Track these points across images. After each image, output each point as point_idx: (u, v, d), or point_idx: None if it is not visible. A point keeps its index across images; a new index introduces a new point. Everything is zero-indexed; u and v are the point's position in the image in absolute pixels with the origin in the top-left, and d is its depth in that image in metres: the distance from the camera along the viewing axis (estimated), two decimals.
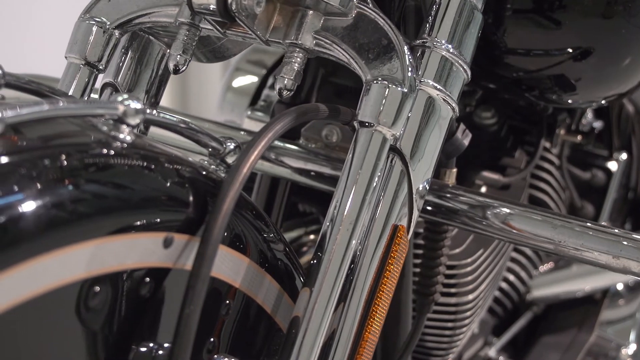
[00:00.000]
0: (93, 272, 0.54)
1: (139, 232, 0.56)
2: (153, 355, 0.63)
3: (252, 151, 0.65)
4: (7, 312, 0.49)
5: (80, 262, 0.52)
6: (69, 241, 0.51)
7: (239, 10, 0.71)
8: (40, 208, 0.50)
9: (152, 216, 0.58)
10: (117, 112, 0.58)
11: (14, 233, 0.48)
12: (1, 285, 0.48)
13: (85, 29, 0.81)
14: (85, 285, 0.54)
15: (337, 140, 1.00)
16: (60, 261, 0.51)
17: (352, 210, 0.69)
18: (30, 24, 2.40)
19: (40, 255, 0.50)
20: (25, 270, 0.49)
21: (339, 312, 0.69)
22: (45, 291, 0.51)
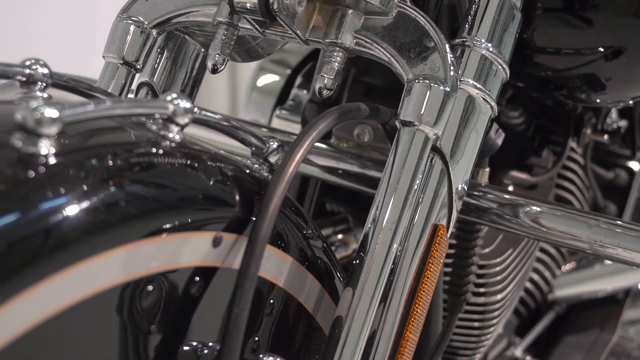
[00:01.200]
0: (147, 271, 0.54)
1: (190, 231, 0.56)
2: (198, 354, 0.63)
3: (297, 151, 0.65)
4: (62, 313, 0.49)
5: (134, 262, 0.53)
6: (124, 241, 0.51)
7: (280, 10, 0.71)
8: (95, 209, 0.50)
9: (203, 215, 0.58)
10: (167, 112, 0.58)
11: (68, 235, 0.48)
12: (56, 286, 0.48)
13: (123, 28, 0.81)
14: (138, 285, 0.54)
15: (369, 139, 1.00)
16: (116, 261, 0.51)
17: (394, 210, 0.69)
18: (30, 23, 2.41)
19: (96, 255, 0.50)
20: (80, 271, 0.49)
21: (380, 312, 0.69)
22: (99, 291, 0.51)
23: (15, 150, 0.49)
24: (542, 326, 1.51)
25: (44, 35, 2.44)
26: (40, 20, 2.43)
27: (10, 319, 0.45)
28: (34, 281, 0.46)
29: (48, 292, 0.47)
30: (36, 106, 0.49)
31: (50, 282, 0.47)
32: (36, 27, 2.43)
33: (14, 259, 0.45)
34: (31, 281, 0.46)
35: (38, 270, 0.46)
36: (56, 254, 0.47)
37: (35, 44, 2.41)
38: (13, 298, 0.45)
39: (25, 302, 0.46)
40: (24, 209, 0.47)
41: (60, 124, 0.50)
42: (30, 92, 0.62)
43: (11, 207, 0.47)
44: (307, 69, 1.20)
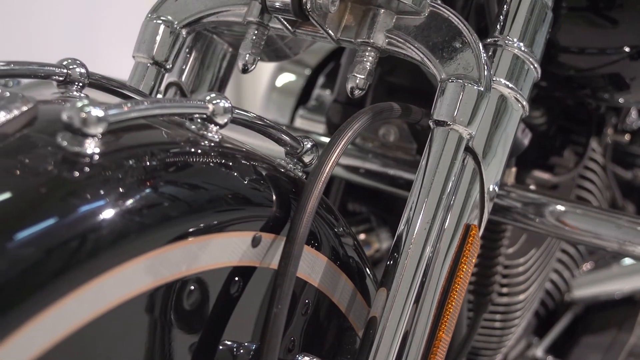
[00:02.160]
0: (189, 271, 0.54)
1: (231, 231, 0.56)
2: (234, 354, 0.63)
3: (333, 150, 0.65)
4: (110, 311, 0.49)
5: (178, 261, 0.53)
6: (169, 240, 0.51)
7: (313, 9, 0.71)
8: (141, 209, 0.50)
9: (243, 215, 0.58)
10: (207, 111, 0.58)
11: (116, 235, 0.48)
12: (108, 283, 0.48)
13: (152, 28, 0.81)
14: (181, 285, 0.54)
15: (395, 139, 1.00)
16: (160, 260, 0.51)
17: (428, 211, 0.69)
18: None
19: (142, 255, 0.50)
20: (126, 271, 0.49)
21: (414, 312, 0.69)
22: (143, 292, 0.51)
23: (60, 150, 0.50)
24: (562, 326, 1.51)
25: (45, 34, 2.44)
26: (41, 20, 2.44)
27: (51, 324, 0.45)
28: (86, 279, 0.46)
29: (94, 293, 0.47)
30: (82, 106, 0.49)
31: (97, 281, 0.47)
32: (37, 27, 2.43)
33: (63, 260, 0.45)
34: (83, 279, 0.46)
35: (92, 267, 0.46)
36: (104, 254, 0.47)
37: (36, 43, 2.41)
38: (56, 301, 0.45)
39: (72, 303, 0.46)
40: (69, 210, 0.47)
41: (106, 124, 0.50)
42: (68, 91, 0.62)
43: (56, 208, 0.47)
44: (330, 69, 1.20)
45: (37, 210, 0.46)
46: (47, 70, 0.61)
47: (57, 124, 0.51)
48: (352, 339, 0.74)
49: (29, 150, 0.50)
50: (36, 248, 0.44)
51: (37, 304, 0.44)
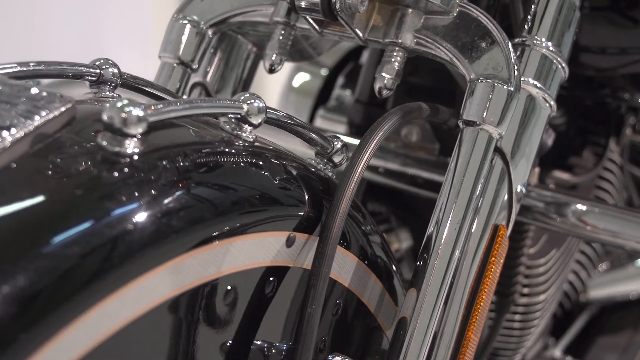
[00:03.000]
0: (227, 270, 0.54)
1: (267, 231, 0.56)
2: (265, 353, 0.63)
3: (364, 151, 0.65)
4: (154, 310, 0.49)
5: (216, 261, 0.53)
6: (207, 241, 0.51)
7: (343, 9, 0.71)
8: (180, 210, 0.50)
9: (278, 215, 0.58)
10: (241, 111, 0.58)
11: (156, 235, 0.48)
12: (150, 283, 0.48)
13: (178, 28, 0.81)
14: (218, 284, 0.54)
15: (417, 139, 1.00)
16: (199, 261, 0.51)
17: (457, 211, 0.69)
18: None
19: (182, 255, 0.50)
20: (167, 270, 0.49)
21: (443, 312, 0.69)
22: (181, 292, 0.51)
23: (100, 150, 0.50)
24: (578, 327, 1.50)
25: (48, 33, 2.44)
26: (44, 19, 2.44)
27: (90, 328, 0.45)
28: (124, 282, 0.46)
29: (137, 292, 0.47)
30: (122, 106, 0.49)
31: (141, 281, 0.47)
32: (39, 25, 2.43)
33: (98, 264, 0.45)
34: (121, 282, 0.46)
35: (129, 270, 0.46)
36: (141, 257, 0.47)
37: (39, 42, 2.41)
38: (93, 306, 0.45)
39: (109, 306, 0.46)
40: (107, 213, 0.47)
41: (146, 124, 0.50)
42: (100, 92, 0.62)
43: (95, 211, 0.46)
44: (350, 69, 1.20)
45: (74, 213, 0.46)
46: (79, 70, 0.61)
47: (97, 124, 0.51)
48: (380, 339, 0.74)
49: (68, 150, 0.50)
50: (70, 253, 0.44)
51: (75, 309, 0.44)
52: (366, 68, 1.05)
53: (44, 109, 0.50)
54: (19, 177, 0.47)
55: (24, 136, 0.48)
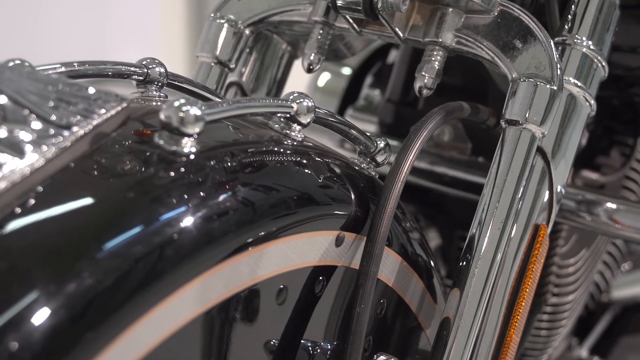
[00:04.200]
0: (280, 269, 0.54)
1: (318, 230, 0.56)
2: (311, 353, 0.63)
3: (410, 150, 0.65)
4: (211, 309, 0.49)
5: (270, 261, 0.53)
6: (261, 241, 0.51)
7: (384, 9, 0.71)
8: (233, 210, 0.50)
9: (328, 214, 0.58)
10: (291, 111, 0.58)
11: (214, 235, 0.48)
12: (209, 283, 0.48)
13: (216, 28, 0.81)
14: (271, 284, 0.54)
15: (449, 139, 1.00)
16: (256, 259, 0.51)
17: (501, 211, 0.69)
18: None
19: (236, 255, 0.50)
20: (225, 269, 0.49)
21: (487, 312, 0.69)
22: (238, 291, 0.51)
23: (157, 149, 0.50)
24: (602, 327, 1.50)
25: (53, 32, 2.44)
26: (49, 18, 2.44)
27: (142, 334, 0.45)
28: (179, 285, 0.46)
29: (197, 292, 0.47)
30: (179, 105, 0.49)
31: (200, 280, 0.47)
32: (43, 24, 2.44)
33: (150, 269, 0.45)
34: (188, 278, 0.46)
35: (194, 267, 0.46)
36: (203, 255, 0.47)
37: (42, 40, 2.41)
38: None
39: (176, 302, 0.46)
40: (167, 211, 0.47)
41: (203, 123, 0.50)
42: (147, 91, 0.62)
43: (154, 209, 0.46)
44: (377, 68, 1.19)
45: (128, 217, 0.45)
46: (126, 70, 0.61)
47: (153, 123, 0.51)
48: (420, 338, 0.74)
49: (125, 150, 0.50)
50: (123, 259, 0.43)
51: (126, 318, 0.44)
52: (397, 68, 1.04)
53: (101, 108, 0.50)
54: (77, 178, 0.47)
55: (83, 135, 0.48)
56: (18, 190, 0.44)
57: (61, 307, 0.41)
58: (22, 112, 0.45)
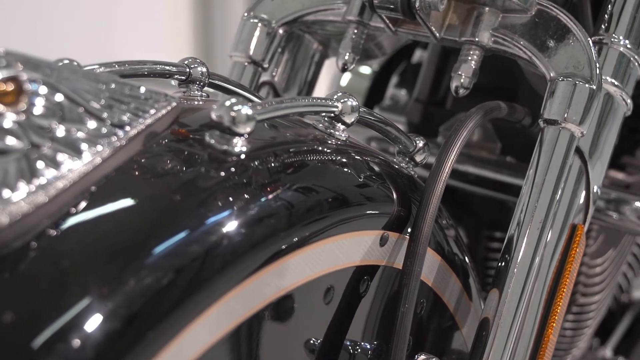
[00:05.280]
0: (328, 269, 0.54)
1: (364, 229, 0.56)
2: (351, 352, 0.63)
3: (451, 150, 0.65)
4: (267, 306, 0.49)
5: (319, 260, 0.53)
6: (312, 240, 0.51)
7: (422, 8, 0.71)
8: (283, 209, 0.50)
9: (373, 213, 0.58)
10: (336, 110, 0.58)
11: (268, 235, 0.48)
12: (262, 281, 0.48)
13: (250, 27, 0.81)
14: (320, 283, 0.54)
15: (478, 139, 0.99)
16: (305, 258, 0.51)
17: (540, 211, 0.69)
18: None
19: (290, 254, 0.50)
20: (277, 269, 0.49)
21: (526, 313, 0.69)
22: (293, 288, 0.51)
23: (208, 148, 0.50)
24: (624, 327, 1.49)
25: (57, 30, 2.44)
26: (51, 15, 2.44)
27: (210, 325, 0.45)
28: (231, 286, 0.46)
29: (251, 291, 0.47)
30: (231, 104, 0.49)
31: (254, 279, 0.47)
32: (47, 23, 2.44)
33: (198, 275, 0.44)
34: (242, 277, 0.46)
35: (247, 267, 0.46)
36: (255, 255, 0.47)
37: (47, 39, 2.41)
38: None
39: (232, 301, 0.46)
40: (224, 209, 0.47)
41: (254, 122, 0.50)
42: (189, 91, 0.62)
43: (209, 208, 0.46)
44: (403, 68, 1.19)
45: (185, 215, 0.45)
46: (170, 69, 0.61)
47: (202, 123, 0.51)
48: (457, 338, 0.74)
49: (177, 149, 0.50)
50: (180, 258, 0.43)
51: (185, 317, 0.44)
52: (426, 67, 1.04)
53: (152, 107, 0.50)
54: (131, 178, 0.47)
55: (136, 135, 0.48)
56: (75, 189, 0.44)
57: (121, 306, 0.41)
58: (78, 110, 0.45)
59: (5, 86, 0.41)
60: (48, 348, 0.39)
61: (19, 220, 0.42)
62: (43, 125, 0.43)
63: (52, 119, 0.43)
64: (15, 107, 0.41)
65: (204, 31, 2.80)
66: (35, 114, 0.42)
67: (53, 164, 0.43)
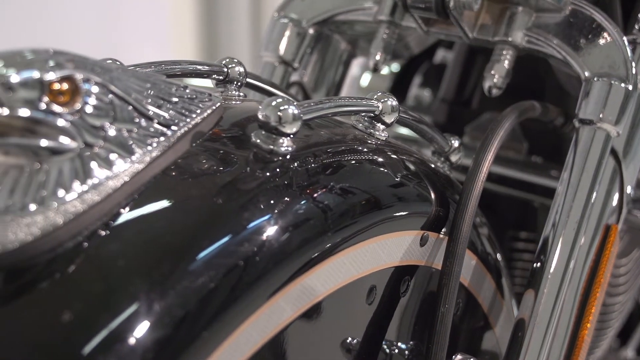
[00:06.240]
0: (372, 269, 0.54)
1: (405, 229, 0.56)
2: (388, 352, 0.63)
3: (489, 150, 0.64)
4: (312, 307, 0.49)
5: (364, 260, 0.52)
6: (358, 240, 0.51)
7: (456, 8, 0.70)
8: (330, 209, 0.50)
9: (414, 213, 0.57)
10: (377, 110, 0.58)
11: (315, 234, 0.48)
12: (310, 281, 0.48)
13: (280, 27, 0.81)
14: (363, 283, 0.54)
15: (506, 139, 0.99)
16: (351, 258, 0.51)
17: (575, 212, 0.68)
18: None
19: (338, 253, 0.50)
20: (325, 268, 0.49)
21: (561, 313, 0.68)
22: (338, 287, 0.51)
23: (254, 147, 0.50)
24: None
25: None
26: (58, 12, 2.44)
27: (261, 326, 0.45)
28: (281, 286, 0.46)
29: (300, 291, 0.47)
30: (277, 104, 0.49)
31: (303, 279, 0.47)
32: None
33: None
34: (292, 277, 0.46)
35: (297, 267, 0.46)
36: (307, 252, 0.47)
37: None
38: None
39: (281, 301, 0.46)
40: (273, 209, 0.47)
41: (300, 122, 0.50)
42: (227, 90, 0.62)
43: (260, 207, 0.46)
44: (427, 68, 1.19)
45: (238, 215, 0.45)
46: (207, 69, 0.61)
47: (248, 122, 0.51)
48: (490, 338, 0.74)
49: (223, 149, 0.50)
50: (223, 264, 0.43)
51: (237, 317, 0.44)
52: (452, 68, 1.04)
53: (198, 107, 0.50)
54: (180, 178, 0.47)
55: (184, 134, 0.48)
56: (126, 189, 0.44)
57: (176, 306, 0.41)
58: (129, 110, 0.45)
59: (60, 86, 0.41)
60: (102, 350, 0.39)
61: (72, 220, 0.42)
62: (96, 124, 0.43)
63: (104, 119, 0.43)
64: (70, 106, 0.41)
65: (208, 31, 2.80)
66: (88, 113, 0.42)
67: (106, 163, 0.43)
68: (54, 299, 0.40)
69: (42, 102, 0.40)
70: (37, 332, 0.39)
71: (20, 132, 0.41)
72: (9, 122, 0.40)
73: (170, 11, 2.79)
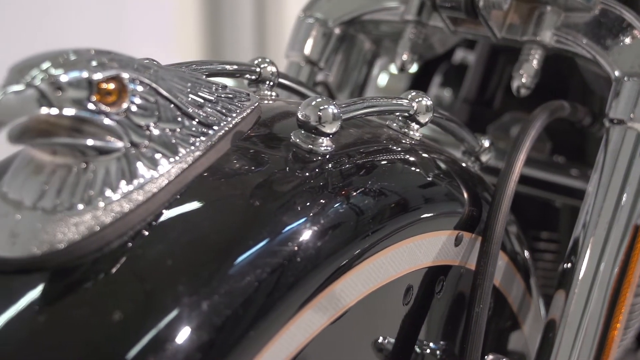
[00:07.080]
0: (409, 269, 0.54)
1: (441, 229, 0.56)
2: (419, 352, 0.63)
3: (521, 149, 0.64)
4: (349, 309, 0.49)
5: (402, 259, 0.52)
6: (397, 238, 0.51)
7: (485, 7, 0.70)
8: (368, 209, 0.49)
9: (449, 213, 0.57)
10: (411, 110, 0.58)
11: (357, 234, 0.48)
12: (352, 281, 0.48)
13: (306, 27, 0.81)
14: (401, 283, 0.54)
15: None
16: (391, 257, 0.51)
17: (606, 212, 0.68)
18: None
19: (378, 252, 0.50)
20: (366, 267, 0.49)
21: (591, 314, 0.68)
22: (377, 287, 0.51)
23: (294, 147, 0.50)
24: None
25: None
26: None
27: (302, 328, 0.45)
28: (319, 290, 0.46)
29: (339, 292, 0.47)
30: (317, 103, 0.49)
31: (345, 278, 0.47)
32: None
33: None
34: (337, 276, 0.46)
35: (341, 265, 0.46)
36: (348, 251, 0.47)
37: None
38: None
39: (324, 301, 0.46)
40: (315, 209, 0.47)
41: (340, 122, 0.50)
42: (260, 90, 0.62)
43: (303, 208, 0.46)
44: (447, 68, 1.19)
45: (271, 220, 0.44)
46: (240, 69, 0.61)
47: (287, 122, 0.51)
48: (519, 338, 0.74)
49: (263, 149, 0.50)
50: (267, 264, 0.43)
51: (281, 318, 0.44)
52: (474, 68, 1.04)
53: (237, 107, 0.50)
54: (223, 178, 0.47)
55: (225, 134, 0.48)
56: (171, 189, 0.44)
57: (224, 306, 0.41)
58: (173, 110, 0.45)
59: (107, 85, 0.41)
60: (150, 351, 0.39)
61: (119, 220, 0.42)
62: (141, 124, 0.43)
63: (149, 118, 0.43)
64: (117, 106, 0.41)
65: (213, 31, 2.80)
66: (134, 112, 0.42)
67: (151, 163, 0.43)
68: (102, 299, 0.40)
69: (91, 102, 0.40)
70: (85, 332, 0.39)
71: (68, 131, 0.41)
72: (57, 122, 0.40)
73: (174, 12, 2.79)
